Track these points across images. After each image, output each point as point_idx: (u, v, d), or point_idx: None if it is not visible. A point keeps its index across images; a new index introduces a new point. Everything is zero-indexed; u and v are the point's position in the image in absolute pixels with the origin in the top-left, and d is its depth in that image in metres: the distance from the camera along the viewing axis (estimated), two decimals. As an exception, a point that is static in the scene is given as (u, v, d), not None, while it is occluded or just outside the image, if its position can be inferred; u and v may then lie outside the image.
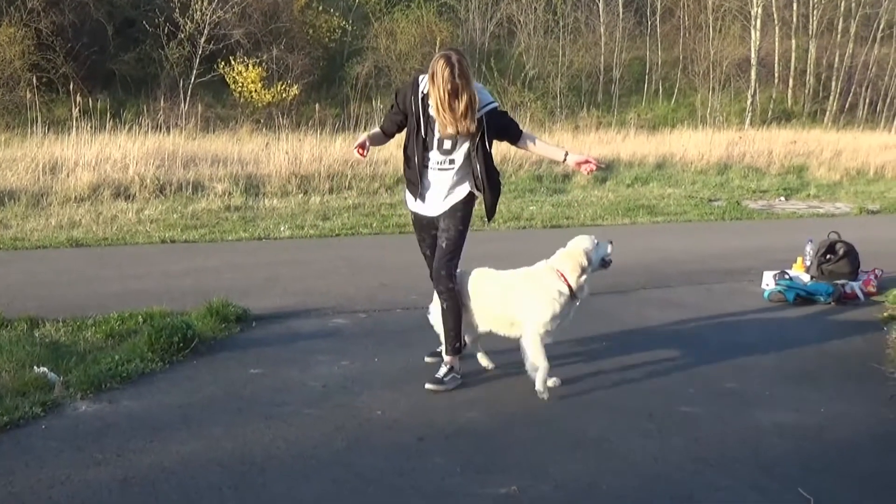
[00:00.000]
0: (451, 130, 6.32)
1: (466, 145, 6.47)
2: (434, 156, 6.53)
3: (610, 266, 6.82)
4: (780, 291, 9.83)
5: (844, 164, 25.28)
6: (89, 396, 6.11)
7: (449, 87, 6.10)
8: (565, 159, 6.72)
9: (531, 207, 17.21)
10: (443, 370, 6.64)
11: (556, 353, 6.79)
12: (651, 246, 13.39)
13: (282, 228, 14.01)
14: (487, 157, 6.54)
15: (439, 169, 6.56)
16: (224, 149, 20.57)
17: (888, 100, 41.46)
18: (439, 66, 6.11)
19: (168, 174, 17.43)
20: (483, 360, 7.05)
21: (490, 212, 6.84)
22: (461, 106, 6.17)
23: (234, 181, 17.48)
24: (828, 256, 10.35)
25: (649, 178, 22.23)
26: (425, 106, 6.38)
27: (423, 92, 6.36)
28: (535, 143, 6.79)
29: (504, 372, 6.94)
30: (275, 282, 10.19)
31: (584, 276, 6.52)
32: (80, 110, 19.87)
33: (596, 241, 6.69)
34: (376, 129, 6.91)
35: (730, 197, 20.15)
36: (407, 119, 6.57)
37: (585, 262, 6.52)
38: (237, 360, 7.11)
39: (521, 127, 6.76)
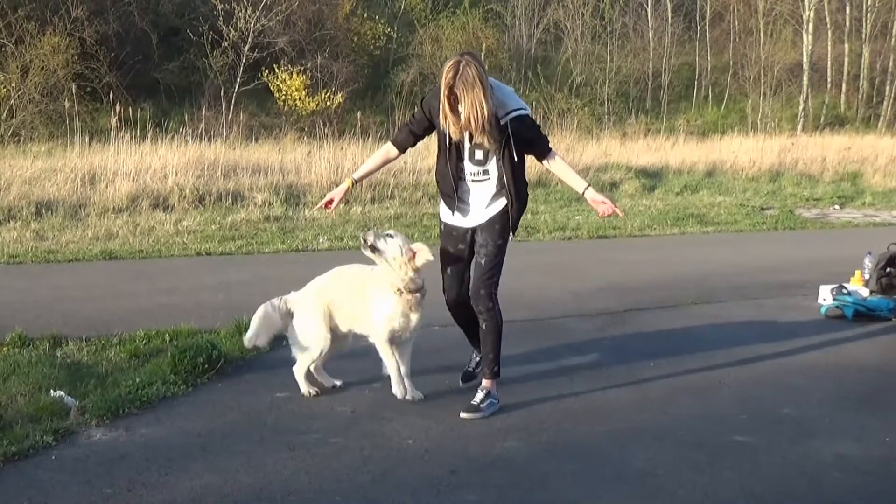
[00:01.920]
0: (454, 132, 6.06)
1: (497, 155, 6.17)
2: (468, 167, 6.27)
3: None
4: (838, 307, 9.37)
5: (901, 170, 24.69)
6: (105, 423, 5.78)
7: (447, 91, 5.88)
8: (584, 192, 6.42)
9: (577, 217, 16.82)
10: (479, 395, 6.27)
11: (600, 377, 6.43)
12: (701, 257, 13.00)
13: (321, 240, 13.72)
14: (515, 166, 6.22)
15: (473, 181, 6.31)
16: (266, 158, 20.41)
17: (944, 104, 40.63)
18: (446, 68, 5.93)
19: (208, 184, 17.26)
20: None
21: (514, 225, 6.44)
22: (464, 113, 5.89)
23: (275, 191, 17.27)
24: (888, 270, 9.86)
25: (699, 185, 21.81)
26: None
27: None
28: (559, 166, 6.47)
29: (542, 397, 6.55)
30: (309, 297, 9.86)
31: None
32: (119, 119, 19.72)
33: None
34: (382, 150, 6.75)
35: (782, 205, 19.68)
36: (430, 129, 6.37)
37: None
38: (263, 382, 6.77)
39: (549, 144, 6.43)
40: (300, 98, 31.30)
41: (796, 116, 38.29)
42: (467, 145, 6.19)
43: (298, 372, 6.55)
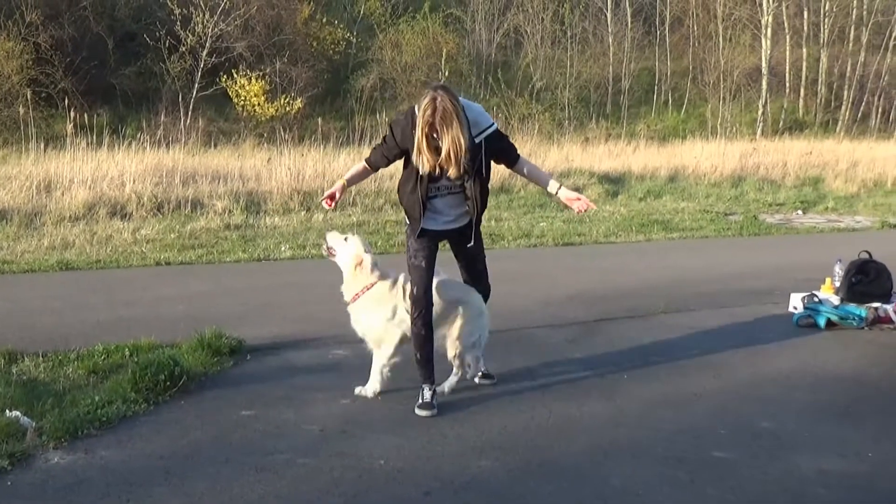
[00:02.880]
0: (427, 167, 6.13)
1: (472, 171, 6.28)
2: (444, 182, 6.33)
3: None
4: (809, 315, 9.25)
5: (861, 175, 24.78)
6: (63, 445, 5.55)
7: (427, 129, 5.97)
8: (557, 192, 6.60)
9: (541, 224, 16.68)
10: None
11: (573, 391, 6.28)
12: (668, 264, 12.90)
13: (283, 248, 13.49)
14: (484, 181, 6.42)
15: (449, 193, 6.41)
16: (225, 164, 20.10)
17: (902, 109, 40.91)
18: (424, 103, 5.95)
19: (166, 192, 16.95)
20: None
21: (476, 236, 6.68)
22: (444, 150, 6.01)
23: (235, 198, 17.00)
24: (859, 277, 9.78)
25: (662, 191, 21.75)
26: None
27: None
28: (529, 169, 6.70)
29: (515, 412, 6.38)
30: (273, 308, 9.67)
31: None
32: (75, 126, 19.40)
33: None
34: (359, 165, 6.75)
35: (746, 211, 19.64)
36: (401, 154, 6.38)
37: None
38: (228, 399, 6.54)
39: (517, 151, 6.62)
40: (259, 104, 31.00)
41: (755, 121, 38.37)
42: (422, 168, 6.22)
43: None
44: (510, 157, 6.55)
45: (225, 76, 31.06)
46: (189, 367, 6.93)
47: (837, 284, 10.01)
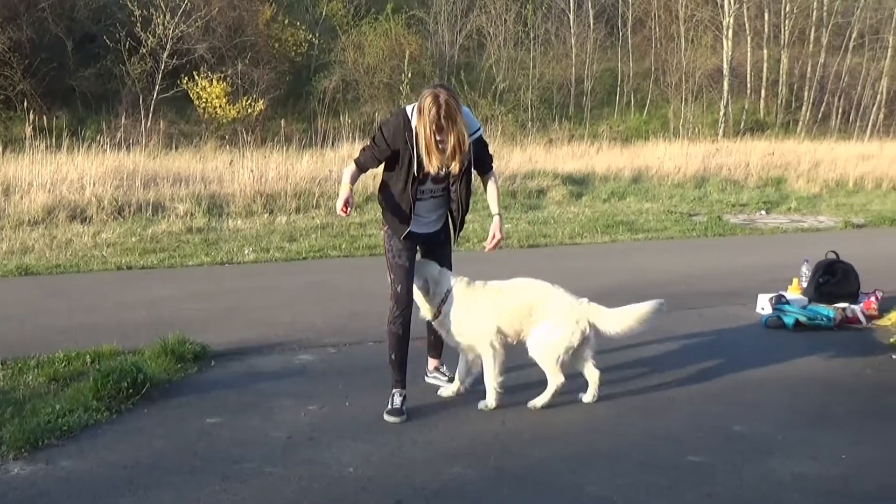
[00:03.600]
0: (437, 166, 6.17)
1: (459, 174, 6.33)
2: (429, 186, 6.39)
3: None
4: (778, 317, 9.20)
5: (823, 175, 24.84)
6: (24, 456, 5.40)
7: (434, 126, 5.97)
8: (494, 216, 6.64)
9: (506, 226, 16.53)
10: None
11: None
12: (634, 266, 12.86)
13: (246, 252, 13.32)
14: (469, 182, 6.48)
15: (432, 197, 6.48)
16: (187, 167, 19.86)
17: (861, 110, 41.21)
18: (426, 103, 5.96)
19: (127, 195, 16.72)
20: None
21: (457, 236, 6.79)
22: (448, 147, 6.07)
23: (197, 201, 16.79)
24: (826, 278, 9.76)
25: (626, 192, 21.70)
26: (419, 139, 6.14)
27: (414, 126, 6.13)
28: (491, 186, 6.73)
29: (487, 418, 6.28)
30: (237, 312, 9.52)
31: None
32: (34, 128, 19.14)
33: None
34: (351, 167, 6.52)
35: (710, 211, 19.63)
36: (393, 157, 6.34)
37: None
38: (193, 407, 6.40)
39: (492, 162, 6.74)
40: (221, 105, 30.76)
41: (717, 122, 38.52)
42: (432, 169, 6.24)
43: None
44: (485, 166, 6.62)
45: (186, 78, 30.80)
46: (152, 374, 6.78)
47: (805, 285, 10.00)
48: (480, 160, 6.51)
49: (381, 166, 6.46)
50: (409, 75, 33.12)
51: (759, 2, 41.48)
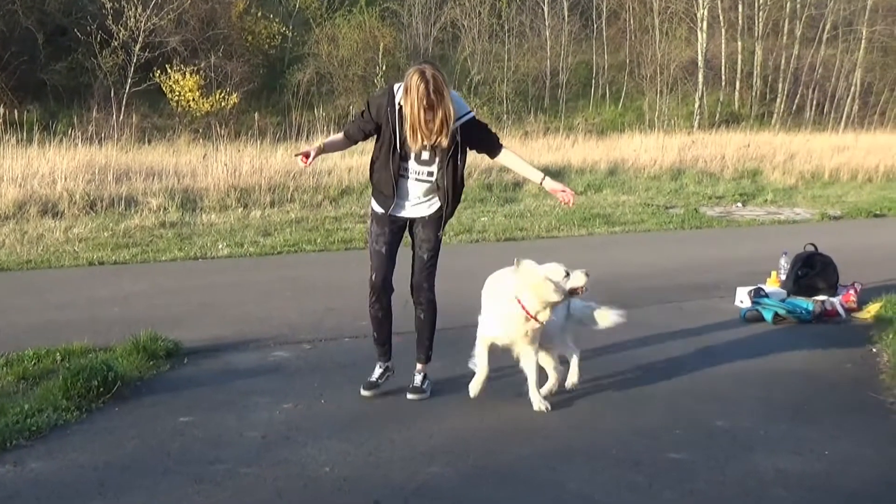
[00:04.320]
0: (420, 144, 6.18)
1: (445, 157, 6.30)
2: (412, 166, 6.36)
3: (581, 294, 6.31)
4: (756, 310, 9.14)
5: (798, 167, 24.91)
6: (-9, 457, 5.26)
7: (424, 102, 5.95)
8: (542, 182, 6.63)
9: (483, 219, 16.51)
10: (418, 378, 6.64)
11: (522, 392, 6.17)
12: (612, 259, 12.75)
13: (220, 246, 13.18)
14: (457, 170, 6.38)
15: (416, 180, 6.41)
16: (160, 161, 19.73)
17: (835, 101, 41.39)
18: (413, 81, 5.96)
19: (99, 189, 16.55)
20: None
21: (443, 225, 6.63)
22: (436, 122, 6.04)
23: (170, 195, 16.63)
24: (805, 271, 9.71)
25: (602, 184, 21.67)
26: (402, 116, 6.16)
27: (399, 102, 6.16)
28: (512, 159, 6.69)
29: (464, 414, 6.20)
30: (211, 308, 9.39)
31: (547, 310, 6.15)
32: (4, 122, 18.92)
33: (567, 273, 6.15)
34: (338, 135, 6.70)
35: (686, 203, 19.61)
36: (377, 129, 6.38)
37: (552, 297, 6.05)
38: (165, 405, 6.27)
39: (500, 140, 6.62)
40: (194, 99, 30.66)
41: (692, 114, 38.61)
42: (416, 148, 6.26)
43: None
44: (490, 146, 6.56)
45: (158, 71, 30.70)
46: (124, 372, 6.64)
47: (783, 278, 9.95)
48: (482, 142, 6.51)
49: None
50: (384, 68, 33.07)
51: (734, -7, 41.60)
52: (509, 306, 6.19)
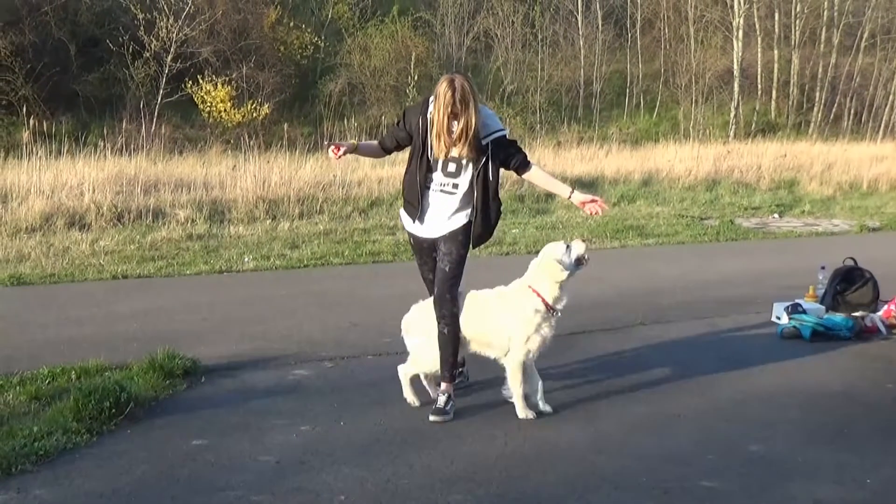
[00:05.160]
0: (443, 151, 6.27)
1: (471, 170, 6.37)
2: (437, 177, 6.45)
3: (586, 264, 6.45)
4: (794, 327, 8.84)
5: (836, 177, 24.47)
6: (-5, 483, 5.08)
7: (449, 110, 6.09)
8: (570, 197, 6.72)
9: (514, 231, 16.27)
10: (442, 399, 6.39)
11: (548, 413, 5.91)
12: (644, 272, 12.52)
13: (246, 259, 12.99)
14: (488, 186, 6.41)
15: (441, 191, 6.47)
16: (189, 172, 19.59)
17: (873, 110, 40.82)
18: (442, 89, 6.12)
19: (127, 201, 16.42)
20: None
21: (476, 241, 6.61)
22: (457, 129, 6.15)
23: (198, 207, 16.50)
24: (843, 286, 9.42)
25: (636, 195, 21.36)
26: (431, 124, 6.29)
27: (430, 114, 6.28)
28: (539, 175, 6.78)
29: (487, 438, 5.95)
30: (232, 324, 9.19)
31: (561, 288, 6.31)
32: (35, 133, 18.89)
33: (567, 246, 6.33)
34: (373, 141, 6.97)
35: (721, 215, 19.27)
36: (411, 139, 6.53)
37: (561, 274, 6.25)
38: (179, 427, 6.07)
39: (528, 158, 6.63)
40: (225, 110, 30.56)
41: (728, 123, 38.20)
42: (442, 156, 6.34)
43: None
44: (519, 163, 6.56)
45: (190, 82, 30.61)
46: (138, 392, 6.46)
47: (821, 293, 9.66)
48: (510, 158, 6.50)
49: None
50: (416, 78, 32.91)
51: (770, 2, 41.13)
52: (526, 299, 6.32)
